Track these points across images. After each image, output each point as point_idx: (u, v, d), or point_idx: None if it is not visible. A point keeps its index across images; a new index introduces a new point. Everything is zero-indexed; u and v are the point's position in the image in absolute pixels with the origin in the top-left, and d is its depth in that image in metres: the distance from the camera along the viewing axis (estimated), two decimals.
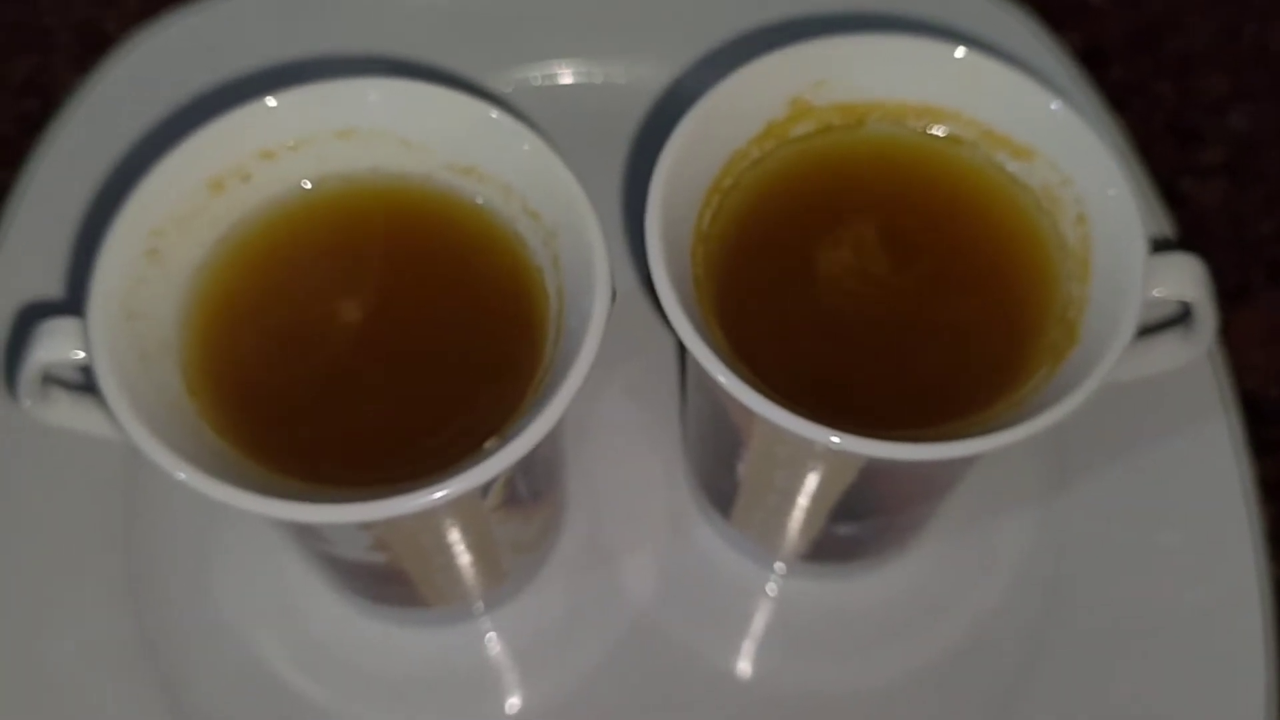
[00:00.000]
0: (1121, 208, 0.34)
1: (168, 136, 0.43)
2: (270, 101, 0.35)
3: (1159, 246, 0.44)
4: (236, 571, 0.42)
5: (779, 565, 0.42)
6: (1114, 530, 0.43)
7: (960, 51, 0.36)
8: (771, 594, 0.43)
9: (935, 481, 0.37)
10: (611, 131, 0.49)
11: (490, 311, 0.35)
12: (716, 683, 0.41)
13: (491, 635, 0.42)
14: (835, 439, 0.31)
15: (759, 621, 0.42)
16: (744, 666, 0.42)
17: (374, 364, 0.34)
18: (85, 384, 0.35)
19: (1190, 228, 0.48)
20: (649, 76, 0.50)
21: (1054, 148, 0.36)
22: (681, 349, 0.44)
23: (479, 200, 0.36)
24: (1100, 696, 0.40)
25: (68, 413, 0.35)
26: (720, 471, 0.40)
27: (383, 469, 0.32)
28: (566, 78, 0.51)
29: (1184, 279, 0.34)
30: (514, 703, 0.41)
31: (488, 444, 0.32)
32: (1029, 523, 0.43)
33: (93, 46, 0.52)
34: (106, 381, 0.31)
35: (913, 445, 0.31)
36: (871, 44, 0.37)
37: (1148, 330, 0.38)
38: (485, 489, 0.32)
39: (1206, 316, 0.36)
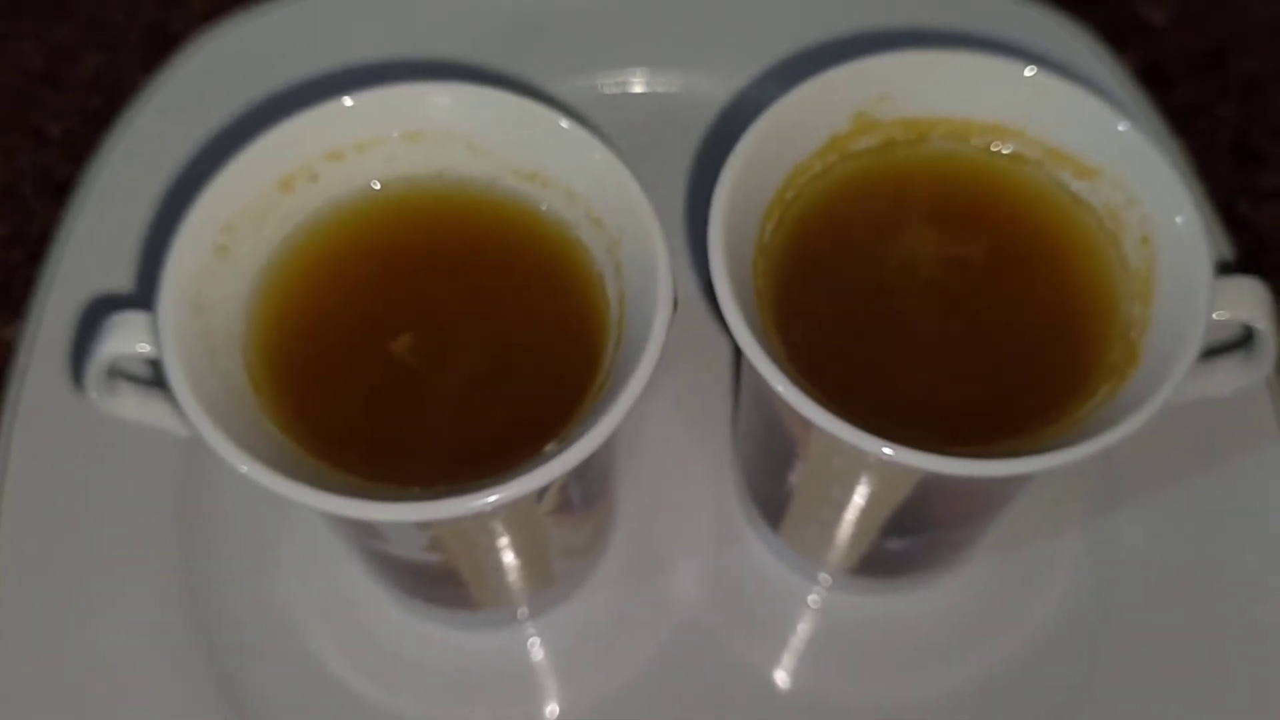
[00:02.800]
0: (1189, 232, 0.34)
1: (232, 137, 0.44)
2: (342, 102, 0.35)
3: (1217, 269, 0.44)
4: (292, 566, 0.42)
5: (824, 577, 0.42)
6: (1166, 552, 0.42)
7: (1029, 70, 0.36)
8: (816, 606, 0.43)
9: (990, 498, 0.37)
10: (676, 140, 0.49)
11: (552, 316, 0.35)
12: (758, 693, 0.41)
13: (537, 639, 0.42)
14: (889, 451, 0.31)
15: (803, 633, 0.42)
16: (786, 678, 0.41)
17: (435, 365, 0.34)
18: (150, 377, 0.36)
19: (1247, 250, 0.48)
20: (715, 87, 0.50)
21: (1120, 168, 0.35)
22: (737, 359, 0.44)
23: (543, 206, 0.36)
24: (1148, 718, 0.40)
25: (133, 405, 0.36)
26: (772, 482, 0.40)
27: (442, 469, 0.32)
28: (634, 85, 0.51)
29: (1247, 302, 0.34)
30: (555, 708, 0.41)
31: (547, 448, 0.32)
32: (1079, 542, 0.43)
33: (158, 46, 0.53)
34: (175, 375, 0.31)
35: (969, 460, 0.31)
36: (936, 60, 0.37)
37: (1207, 352, 0.38)
38: (541, 493, 0.33)
39: (1269, 340, 0.36)
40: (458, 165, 0.36)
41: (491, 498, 0.30)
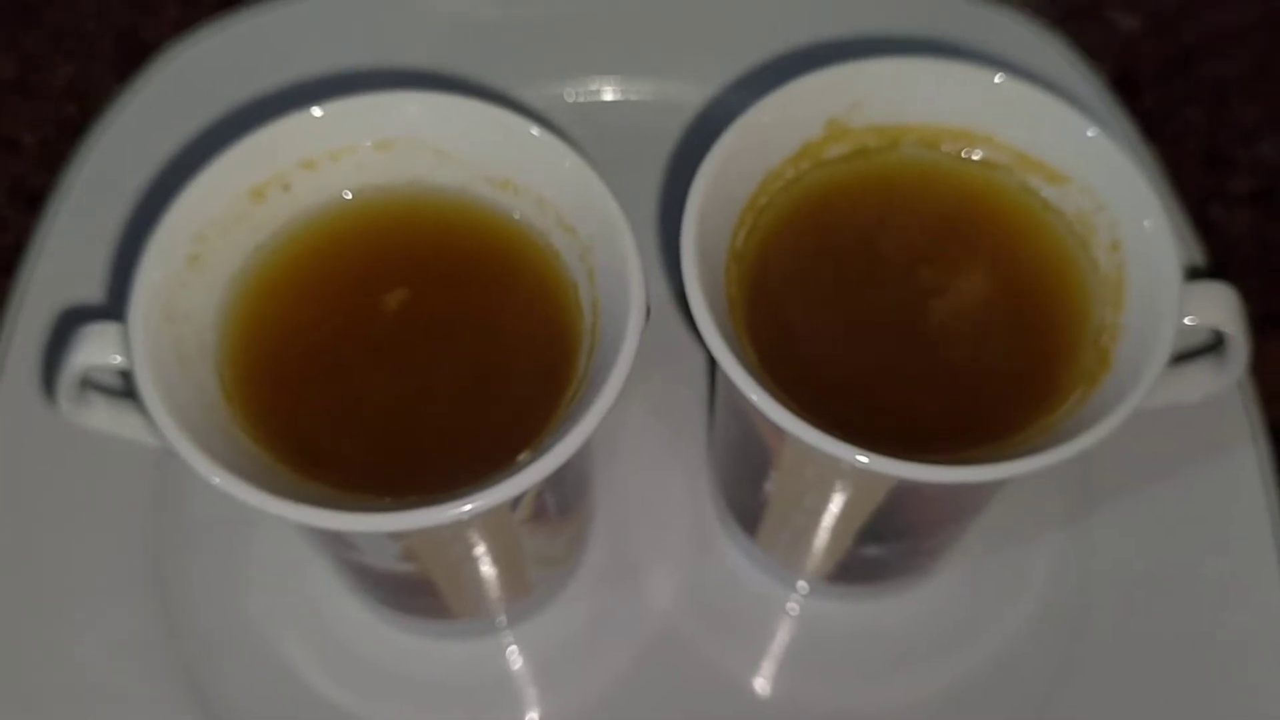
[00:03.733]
0: (1158, 237, 0.34)
1: (205, 145, 0.44)
2: (313, 111, 0.35)
3: (1188, 274, 0.44)
4: (265, 577, 0.42)
5: (801, 584, 0.42)
6: (1140, 556, 0.42)
7: (998, 77, 0.36)
8: (794, 613, 0.43)
9: (964, 504, 0.37)
10: (648, 148, 0.49)
11: (524, 324, 0.35)
12: (737, 700, 0.41)
13: (514, 648, 0.42)
14: (864, 459, 0.31)
15: (781, 640, 0.42)
16: (765, 685, 0.42)
17: (408, 374, 0.34)
18: (122, 388, 0.36)
19: (1219, 255, 0.48)
20: (686, 95, 0.50)
21: (1090, 174, 0.36)
22: (712, 366, 0.44)
23: (515, 214, 0.36)
24: None
25: (105, 417, 0.36)
26: (747, 490, 0.40)
27: (415, 479, 0.32)
28: (605, 94, 0.51)
29: (1218, 307, 0.35)
30: (534, 715, 0.41)
31: (520, 457, 0.32)
32: (1055, 547, 0.43)
33: (131, 54, 0.52)
34: (146, 386, 0.31)
35: (943, 467, 0.31)
36: (907, 67, 0.37)
37: (1178, 358, 0.38)
38: (515, 502, 0.33)
39: (1239, 345, 0.36)
40: (429, 174, 0.36)
41: (464, 508, 0.30)
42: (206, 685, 0.40)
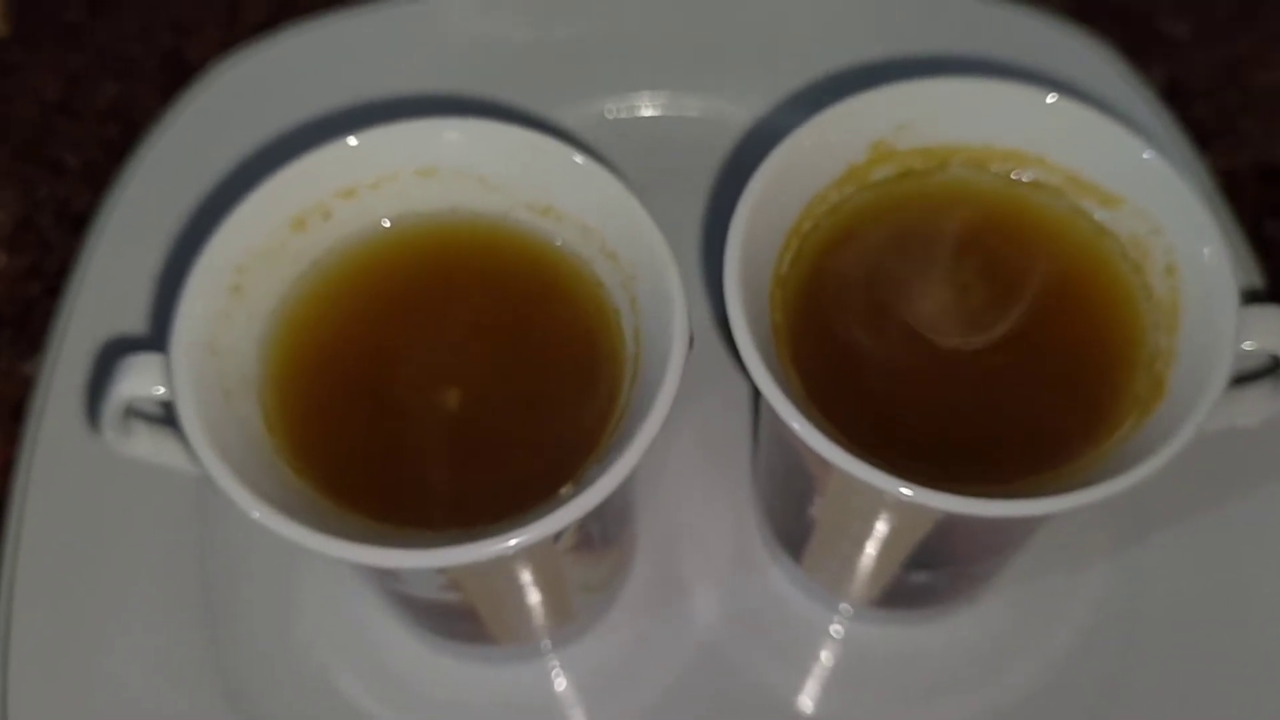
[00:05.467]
0: (1215, 263, 0.33)
1: (249, 167, 0.44)
2: (351, 141, 0.35)
3: (1245, 293, 0.43)
4: (309, 600, 0.42)
5: (845, 607, 0.42)
6: (1189, 584, 0.41)
7: (1051, 97, 0.35)
8: (837, 636, 0.42)
9: (1013, 534, 0.37)
10: (691, 167, 0.49)
11: (567, 353, 0.35)
12: None
13: (558, 673, 0.41)
14: (909, 492, 0.30)
15: (825, 664, 0.42)
16: (808, 707, 0.41)
17: (450, 404, 0.34)
18: (166, 417, 0.35)
19: (1276, 270, 0.47)
20: (730, 114, 0.50)
21: (1144, 197, 0.35)
22: (755, 391, 0.44)
23: (557, 241, 0.36)
24: None
25: (148, 446, 0.36)
26: (792, 516, 0.39)
27: (459, 511, 0.32)
28: (649, 111, 0.51)
29: (1275, 332, 0.34)
30: None
31: (563, 489, 0.32)
32: (1103, 574, 0.42)
33: (175, 75, 0.53)
34: (188, 418, 0.31)
35: (991, 501, 0.30)
36: (955, 87, 0.36)
37: (1234, 381, 0.37)
38: (559, 534, 0.32)
39: None
40: (470, 201, 0.36)
41: (508, 542, 0.30)
42: (253, 710, 0.40)
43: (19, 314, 0.48)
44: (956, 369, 0.35)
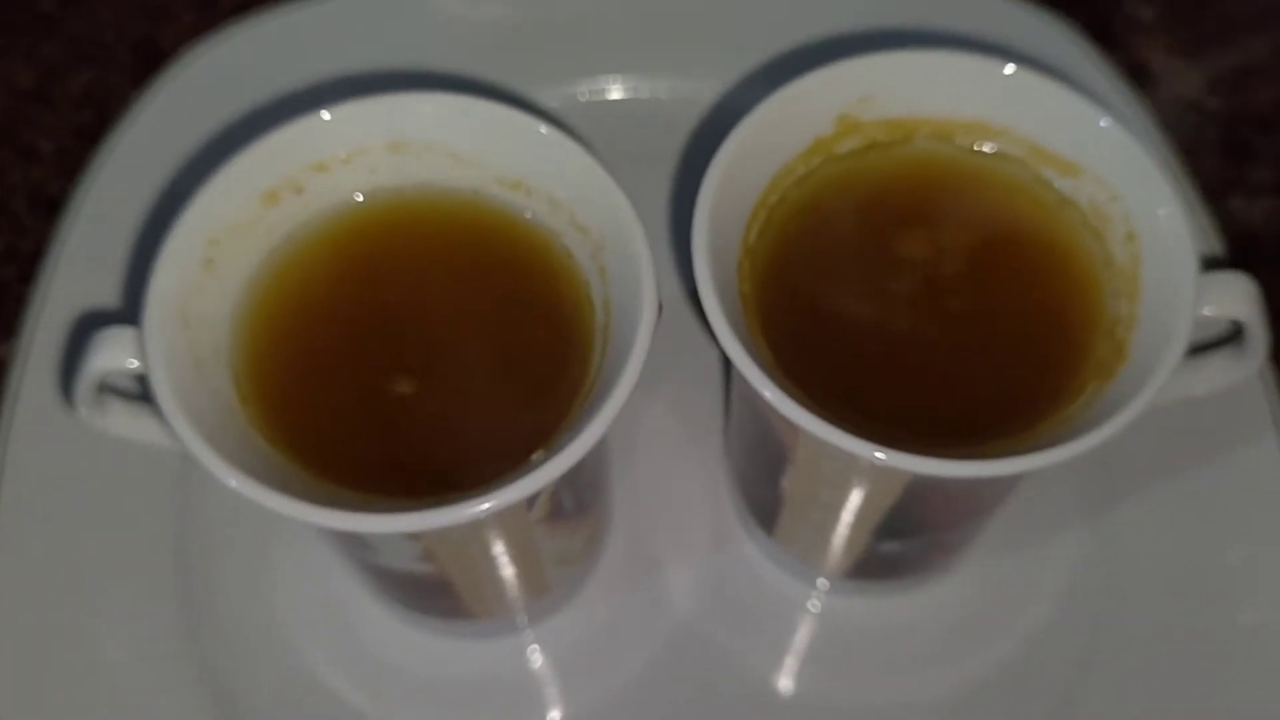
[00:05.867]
0: (1172, 226, 0.34)
1: (222, 149, 0.44)
2: (323, 115, 0.35)
3: (1208, 264, 0.44)
4: (286, 578, 0.42)
5: (821, 581, 0.42)
6: (1161, 550, 0.42)
7: (1009, 68, 0.36)
8: (814, 610, 0.43)
9: (981, 499, 0.37)
10: (659, 146, 0.49)
11: (538, 323, 0.35)
12: (757, 698, 0.41)
13: (534, 647, 0.42)
14: (880, 455, 0.31)
15: (801, 637, 0.42)
16: (785, 682, 0.41)
17: (422, 374, 0.34)
18: (140, 392, 0.36)
19: (1239, 246, 0.48)
20: (697, 92, 0.50)
21: (1103, 165, 0.35)
22: (727, 363, 0.44)
23: (527, 214, 0.36)
24: (1146, 718, 0.40)
25: (123, 420, 0.36)
26: (764, 487, 0.40)
27: (430, 478, 0.32)
28: (615, 93, 0.51)
29: (1236, 297, 0.34)
30: (555, 715, 0.41)
31: (535, 456, 0.32)
32: (1075, 542, 0.43)
33: (148, 61, 0.53)
34: (161, 390, 0.31)
35: (958, 462, 0.31)
36: (918, 60, 0.37)
37: (1197, 349, 0.38)
38: (531, 501, 0.33)
39: (1258, 336, 0.35)
40: (441, 175, 0.37)
41: (479, 507, 0.30)
42: (229, 687, 0.40)
43: None
44: (923, 337, 0.35)
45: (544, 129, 0.35)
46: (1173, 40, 0.54)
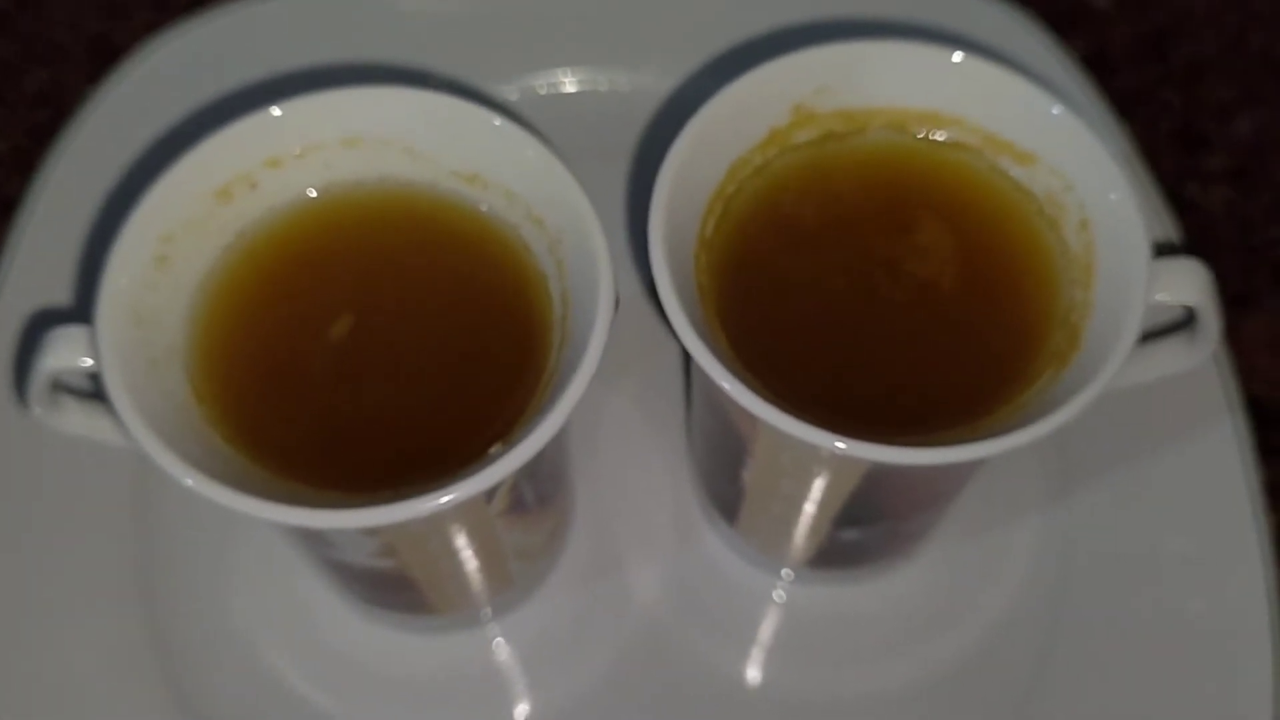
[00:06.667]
0: (1124, 212, 0.34)
1: (176, 146, 0.43)
2: (276, 110, 0.35)
3: (1165, 252, 0.44)
4: (246, 577, 0.42)
5: (786, 571, 0.43)
6: (1120, 536, 0.43)
7: (958, 56, 0.36)
8: (779, 600, 0.43)
9: (940, 487, 0.37)
10: (614, 139, 0.49)
11: (495, 317, 0.35)
12: (724, 689, 0.41)
13: (499, 641, 0.42)
14: (839, 444, 0.31)
15: (766, 628, 0.43)
16: (751, 673, 0.42)
17: (379, 370, 0.34)
18: (94, 391, 0.35)
19: (1196, 233, 0.48)
20: (652, 84, 0.50)
21: (1056, 153, 0.36)
22: (686, 356, 0.44)
23: (483, 207, 0.36)
24: (1107, 703, 0.40)
25: (77, 420, 0.36)
26: (725, 478, 0.40)
27: (389, 474, 0.32)
28: (570, 86, 0.51)
29: (1187, 284, 0.34)
30: (522, 709, 0.41)
31: (493, 449, 0.32)
32: (1035, 529, 0.43)
33: (103, 59, 0.52)
34: (115, 388, 0.31)
35: (915, 449, 0.31)
36: (873, 50, 0.37)
37: (1152, 335, 0.38)
38: (491, 494, 0.33)
39: (1210, 321, 0.36)
40: (397, 169, 0.36)
41: (438, 501, 0.30)
42: (190, 687, 0.40)
43: None
44: (881, 327, 0.35)
45: (499, 122, 0.35)
46: (1130, 29, 0.55)
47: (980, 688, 0.41)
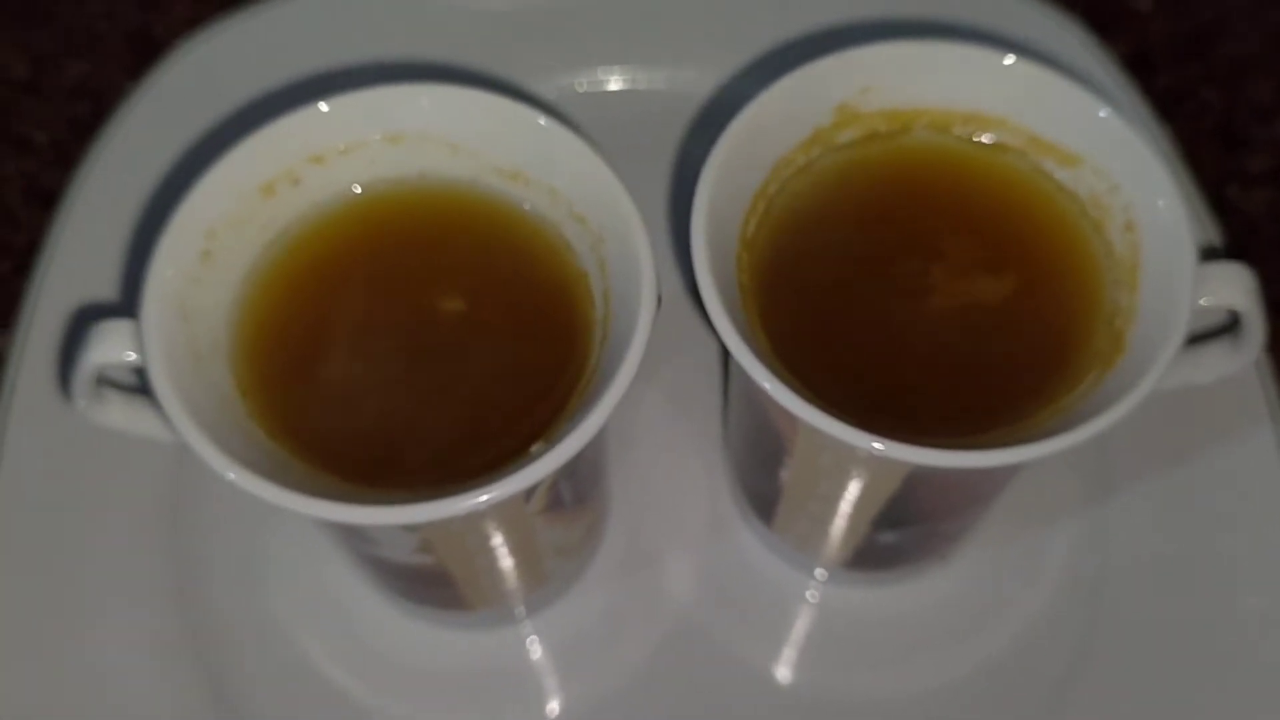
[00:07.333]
0: (1171, 216, 0.34)
1: (218, 141, 0.44)
2: (321, 106, 0.35)
3: (1206, 254, 0.44)
4: (284, 571, 0.42)
5: (820, 571, 0.42)
6: (1158, 539, 0.42)
7: (1009, 59, 0.36)
8: (812, 600, 0.43)
9: (980, 489, 0.37)
10: (658, 138, 0.49)
11: (537, 315, 0.35)
12: (756, 688, 0.41)
13: (533, 638, 0.42)
14: (878, 445, 0.31)
15: (799, 627, 0.42)
16: (783, 672, 0.42)
17: (421, 367, 0.34)
18: (138, 385, 0.36)
19: (1237, 235, 0.48)
20: (696, 83, 0.50)
21: (1102, 155, 0.35)
22: (725, 354, 0.44)
23: (525, 205, 0.36)
24: (1143, 708, 0.40)
25: (120, 413, 0.36)
26: (763, 478, 0.40)
27: (429, 471, 0.32)
28: (614, 84, 0.51)
29: (1233, 288, 0.34)
30: (554, 706, 0.41)
31: (534, 448, 0.32)
32: (1072, 532, 0.43)
33: (142, 51, 0.53)
34: (159, 382, 0.31)
35: (956, 452, 0.31)
36: (918, 50, 0.36)
37: (1195, 339, 0.38)
38: (530, 493, 0.33)
39: (1255, 326, 0.35)
40: (439, 166, 0.36)
41: (478, 499, 0.30)
42: (226, 678, 0.40)
43: None
44: (922, 327, 0.35)
45: (543, 120, 0.35)
46: (1171, 28, 0.54)
47: (1013, 690, 0.41)
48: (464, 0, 0.51)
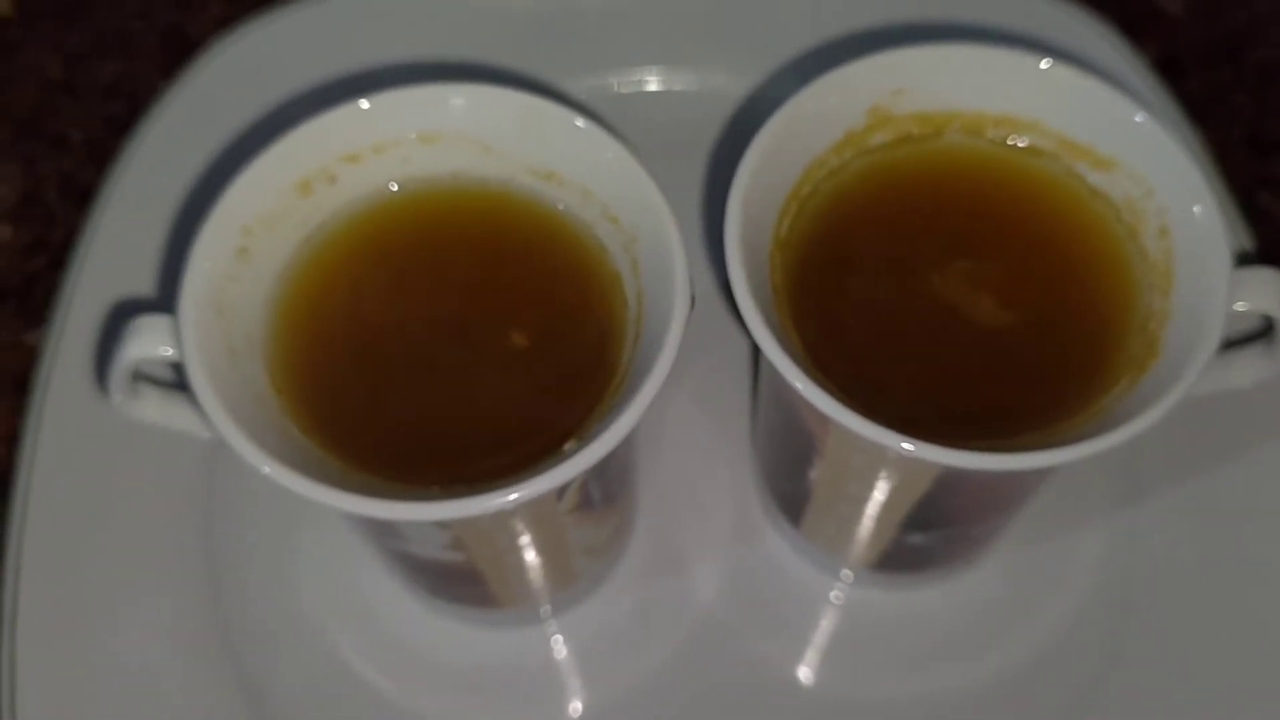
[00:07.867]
0: (1207, 222, 0.33)
1: (250, 140, 0.44)
2: (359, 104, 0.35)
3: (1238, 260, 0.44)
4: (314, 566, 0.43)
5: (846, 573, 0.42)
6: (1188, 545, 0.42)
7: (1043, 62, 0.36)
8: (838, 602, 0.43)
9: (1010, 492, 0.37)
10: (691, 138, 0.49)
11: (569, 314, 0.35)
12: (781, 689, 0.41)
13: (559, 638, 0.42)
14: (910, 447, 0.31)
15: (825, 629, 0.42)
16: (809, 674, 0.42)
17: (453, 365, 0.34)
18: (174, 380, 0.36)
19: (1268, 241, 0.48)
20: (729, 84, 0.50)
21: (1137, 159, 0.35)
22: (755, 355, 0.44)
23: (559, 205, 0.36)
24: (1172, 715, 0.40)
25: (156, 408, 0.36)
26: (792, 478, 0.40)
27: (462, 468, 0.32)
28: (648, 84, 0.51)
29: (1267, 293, 0.34)
30: (578, 705, 0.41)
31: (566, 446, 0.32)
32: (1101, 536, 0.43)
33: (176, 50, 0.53)
34: (197, 377, 0.31)
35: (989, 455, 0.31)
36: (951, 53, 0.37)
37: (1228, 344, 0.38)
38: (561, 491, 0.33)
39: None
40: (474, 166, 0.37)
41: (510, 496, 0.30)
42: (256, 672, 0.41)
43: (23, 287, 0.49)
44: (954, 329, 0.35)
45: (577, 120, 0.35)
46: (1201, 33, 0.54)
47: (1040, 695, 0.41)
48: (498, 0, 0.52)
